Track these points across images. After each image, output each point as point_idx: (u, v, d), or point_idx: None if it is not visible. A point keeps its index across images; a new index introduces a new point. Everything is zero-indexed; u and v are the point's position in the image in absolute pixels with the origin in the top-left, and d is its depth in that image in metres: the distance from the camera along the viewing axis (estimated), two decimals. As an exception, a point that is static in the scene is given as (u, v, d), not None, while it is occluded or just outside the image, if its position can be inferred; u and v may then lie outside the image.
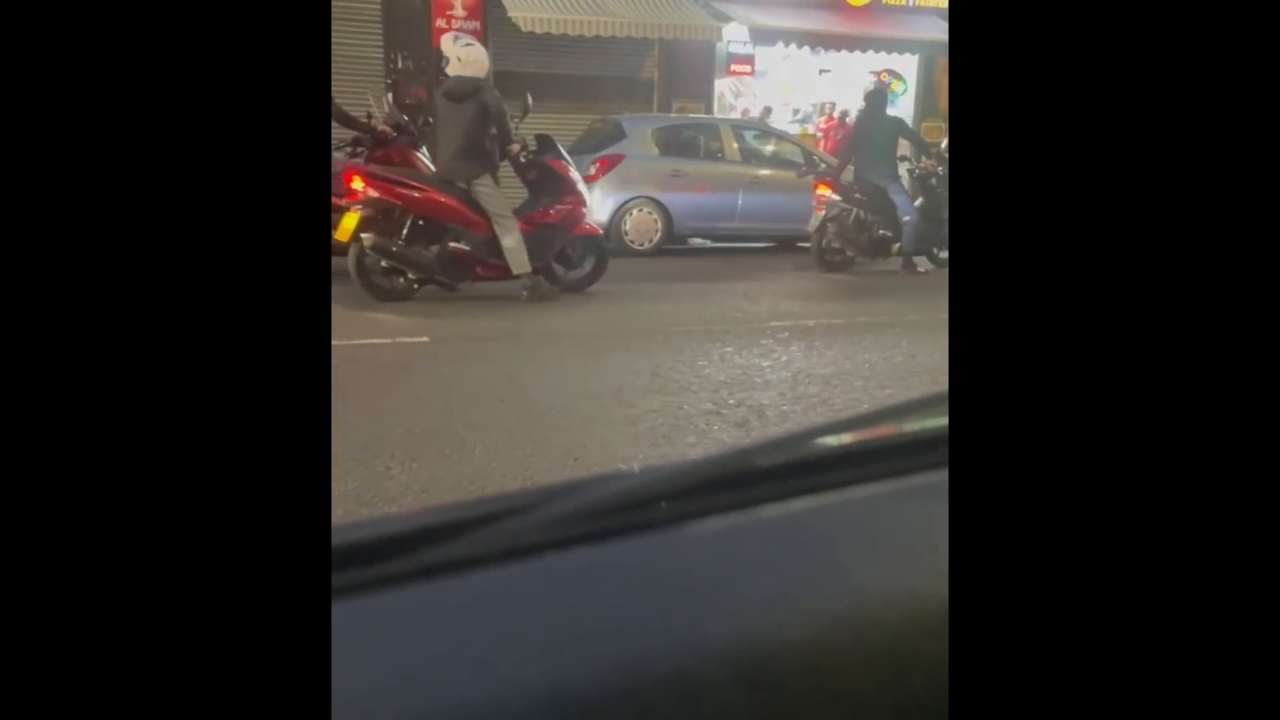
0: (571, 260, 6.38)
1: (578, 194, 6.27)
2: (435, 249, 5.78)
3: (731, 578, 0.40)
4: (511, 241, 5.79)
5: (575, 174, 6.33)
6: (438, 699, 0.33)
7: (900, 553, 0.43)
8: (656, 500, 0.44)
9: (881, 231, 7.74)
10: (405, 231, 5.66)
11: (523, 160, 6.06)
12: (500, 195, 5.86)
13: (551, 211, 6.12)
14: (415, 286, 5.81)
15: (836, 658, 0.37)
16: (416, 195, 5.68)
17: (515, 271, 5.84)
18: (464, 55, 5.76)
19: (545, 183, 6.21)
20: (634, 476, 0.45)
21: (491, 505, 0.43)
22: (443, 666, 0.35)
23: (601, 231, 6.62)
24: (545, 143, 6.33)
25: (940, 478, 0.46)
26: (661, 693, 0.34)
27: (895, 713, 0.37)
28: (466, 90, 5.67)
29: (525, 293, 5.92)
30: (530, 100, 6.20)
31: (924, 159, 8.02)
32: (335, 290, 5.40)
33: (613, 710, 0.33)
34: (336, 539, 0.39)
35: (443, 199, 5.74)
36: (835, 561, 0.42)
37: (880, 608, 0.39)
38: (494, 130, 5.75)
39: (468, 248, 5.85)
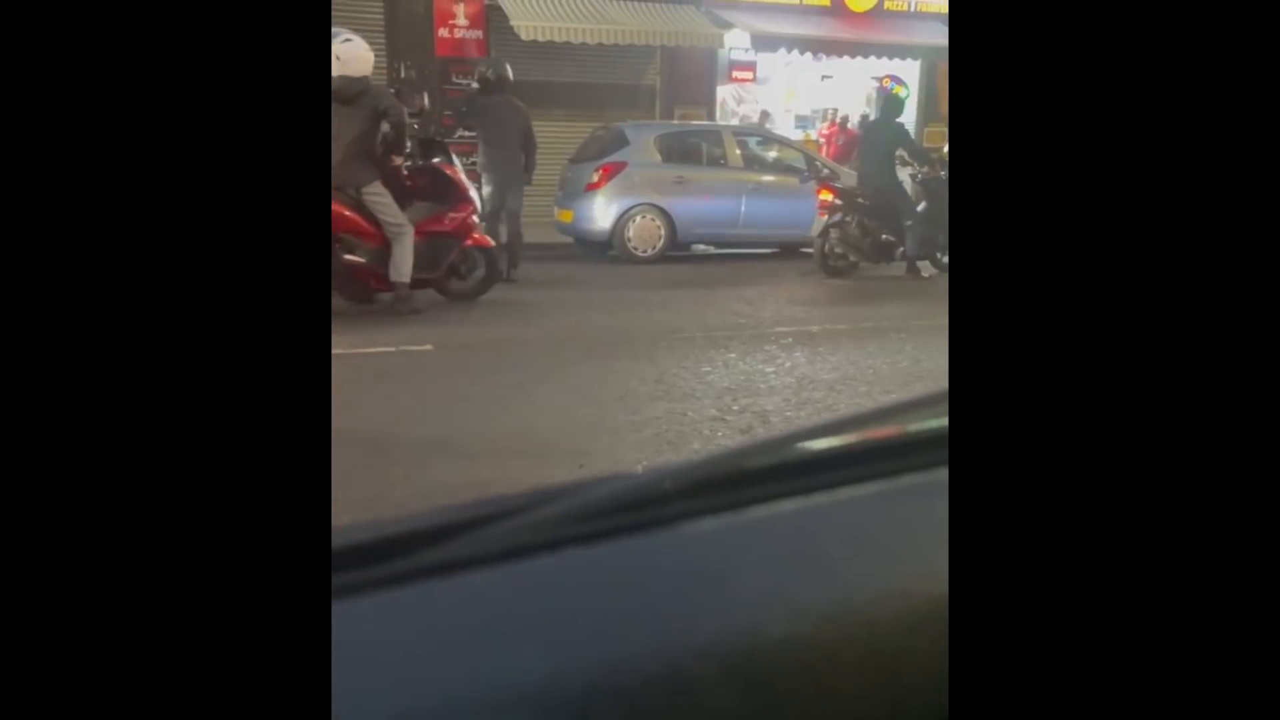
0: (460, 270, 6.05)
1: (471, 202, 5.93)
2: None
3: (724, 577, 0.41)
4: (401, 251, 5.47)
5: (466, 180, 5.99)
6: (434, 697, 0.34)
7: (892, 552, 0.44)
8: (650, 502, 0.44)
9: (885, 236, 7.75)
10: None
11: (405, 171, 5.70)
12: (393, 203, 5.49)
13: (446, 220, 5.79)
14: None
15: (827, 655, 0.38)
16: None
17: (393, 279, 5.50)
18: (344, 53, 5.32)
19: (438, 190, 5.83)
20: (627, 479, 0.46)
21: (487, 507, 0.43)
22: (439, 665, 0.35)
23: (493, 243, 6.24)
24: (435, 146, 5.97)
25: (930, 478, 0.47)
26: (653, 690, 0.35)
27: (884, 708, 0.37)
28: (352, 91, 5.27)
29: (393, 302, 5.55)
30: (427, 100, 5.73)
31: (931, 164, 8.04)
32: (339, 299, 5.42)
33: (605, 707, 0.34)
34: (336, 541, 0.40)
35: (332, 207, 5.27)
36: (827, 561, 0.43)
37: (871, 606, 0.40)
38: (390, 135, 5.37)
39: (362, 260, 5.48)
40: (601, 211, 8.62)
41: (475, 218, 6.02)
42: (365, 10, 10.86)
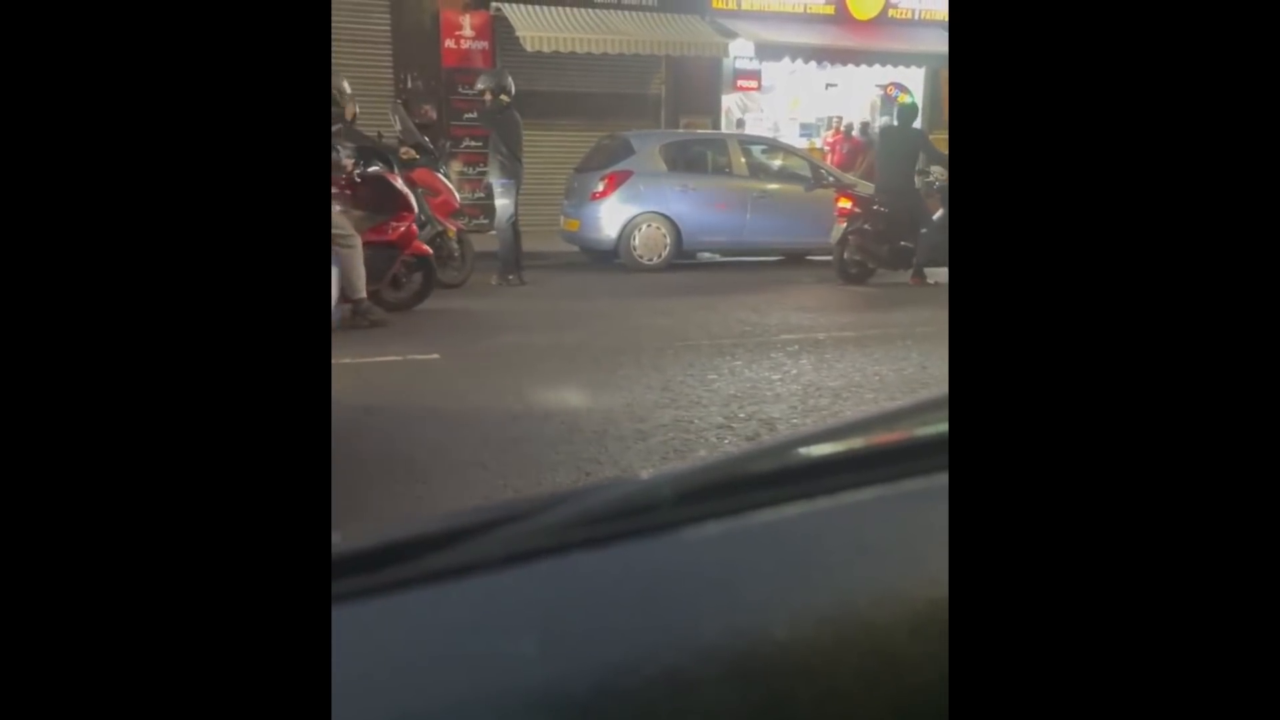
0: (399, 280, 5.97)
1: (412, 210, 5.87)
2: None
3: (728, 581, 0.41)
4: (352, 263, 5.31)
5: (405, 188, 5.92)
6: (440, 700, 0.34)
7: (892, 556, 0.44)
8: (654, 507, 0.45)
9: (903, 243, 7.75)
10: None
11: (357, 179, 5.62)
12: (339, 214, 5.31)
13: (389, 229, 5.69)
14: None
15: (829, 658, 0.38)
16: None
17: (350, 296, 5.35)
18: None
19: (381, 199, 5.72)
20: (632, 484, 0.46)
21: (493, 512, 0.44)
22: (445, 668, 0.36)
23: (431, 251, 6.17)
24: (376, 153, 5.84)
25: (931, 482, 0.47)
26: (657, 691, 0.35)
27: (886, 710, 0.38)
28: None
29: (353, 317, 5.36)
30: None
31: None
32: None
33: (609, 708, 0.34)
34: (344, 546, 0.41)
35: None
36: (828, 565, 0.43)
37: (872, 610, 0.40)
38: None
39: None
40: (607, 220, 8.64)
41: (415, 225, 5.94)
42: (371, 22, 10.92)
